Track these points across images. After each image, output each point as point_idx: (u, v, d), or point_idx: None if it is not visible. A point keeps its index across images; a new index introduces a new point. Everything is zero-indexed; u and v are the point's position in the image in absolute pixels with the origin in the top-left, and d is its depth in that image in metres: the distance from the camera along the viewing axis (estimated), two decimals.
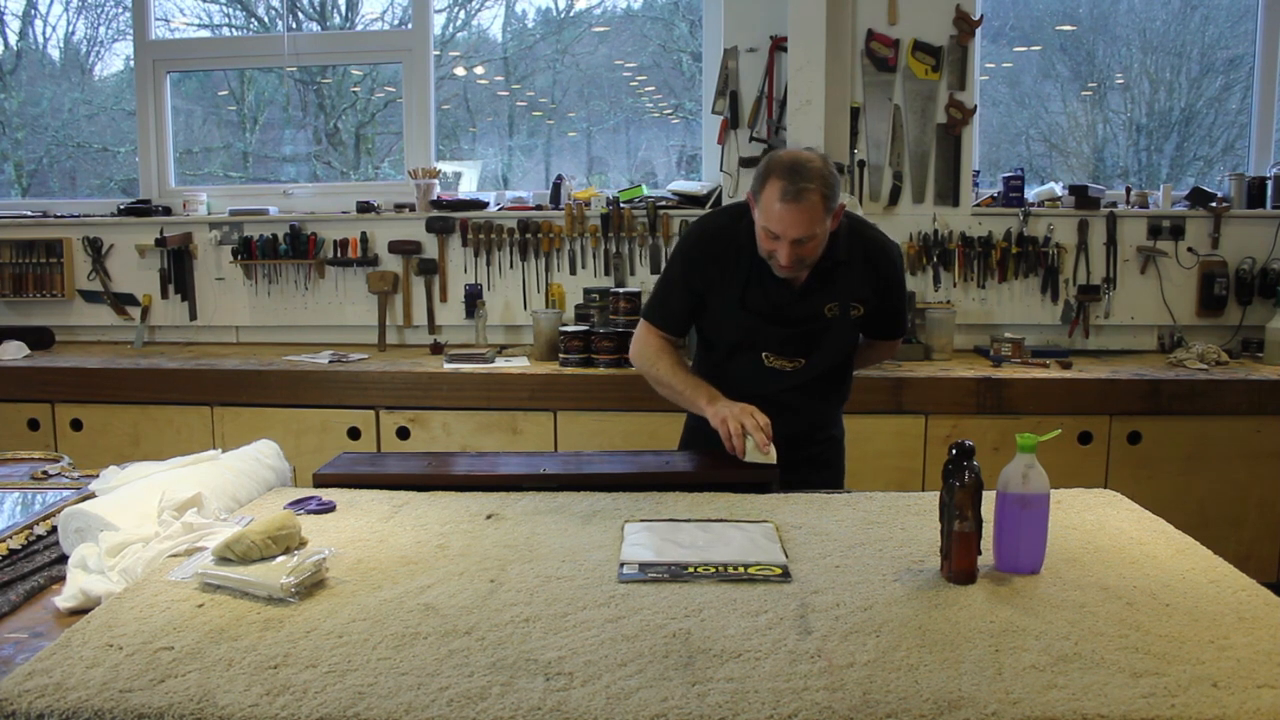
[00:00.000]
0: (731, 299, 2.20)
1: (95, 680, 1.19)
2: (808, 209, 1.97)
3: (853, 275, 2.17)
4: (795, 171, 1.97)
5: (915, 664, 1.23)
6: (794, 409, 2.24)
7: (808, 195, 1.96)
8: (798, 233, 2.00)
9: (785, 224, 1.99)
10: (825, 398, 2.32)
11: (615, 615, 1.37)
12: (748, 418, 2.06)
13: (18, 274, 4.20)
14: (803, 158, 2.01)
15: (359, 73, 4.64)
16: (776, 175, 1.99)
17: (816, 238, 2.02)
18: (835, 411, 2.40)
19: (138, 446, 3.53)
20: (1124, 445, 3.33)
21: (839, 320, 2.20)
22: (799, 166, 1.98)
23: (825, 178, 1.99)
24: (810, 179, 1.96)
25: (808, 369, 2.24)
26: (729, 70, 3.87)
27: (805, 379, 2.25)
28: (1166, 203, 3.87)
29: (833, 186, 2.00)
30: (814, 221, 1.99)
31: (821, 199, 1.98)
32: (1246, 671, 1.20)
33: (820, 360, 2.24)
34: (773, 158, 2.05)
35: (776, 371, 2.24)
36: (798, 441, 2.24)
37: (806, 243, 2.02)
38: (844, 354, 2.28)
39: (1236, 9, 4.17)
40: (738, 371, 2.26)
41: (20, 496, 1.97)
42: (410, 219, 4.05)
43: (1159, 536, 1.70)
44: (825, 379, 2.28)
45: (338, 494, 1.94)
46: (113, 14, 4.81)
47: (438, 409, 3.47)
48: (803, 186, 1.96)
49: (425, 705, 1.14)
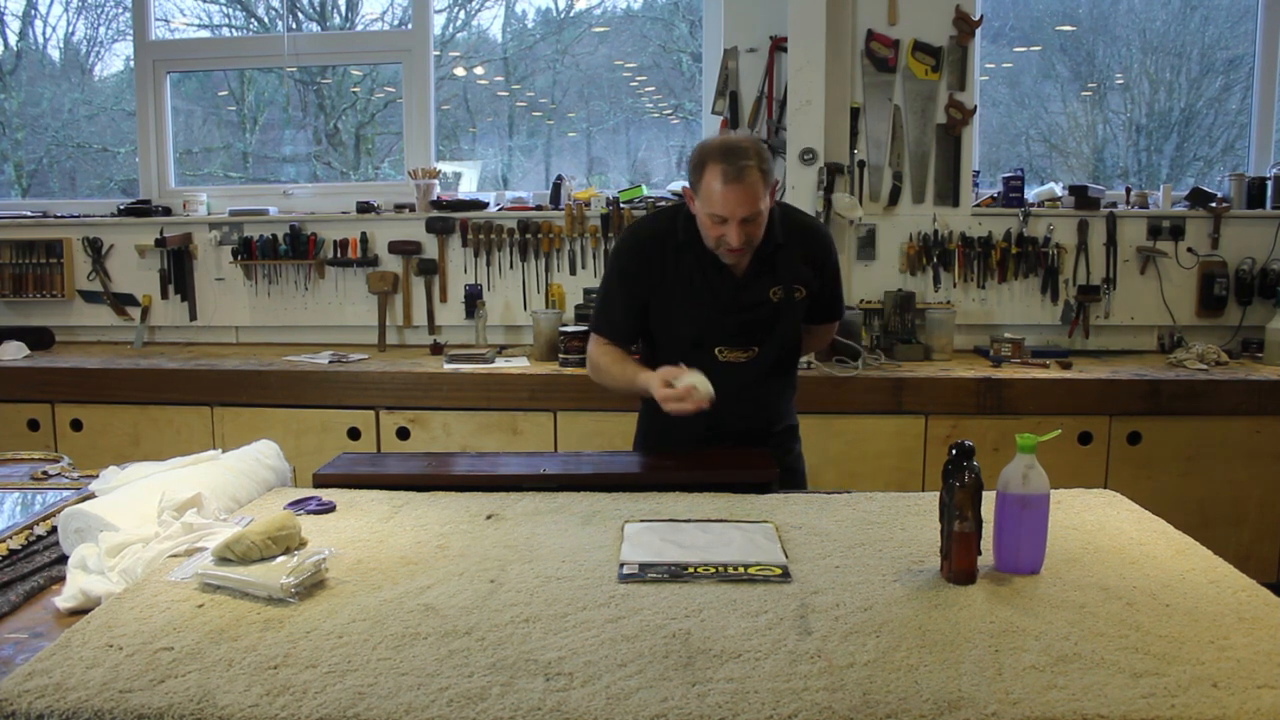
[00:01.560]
0: (677, 297, 2.22)
1: (95, 680, 1.19)
2: (750, 185, 2.01)
3: (791, 257, 2.22)
4: (731, 152, 2.02)
5: (915, 664, 1.23)
6: (750, 403, 2.27)
7: (748, 172, 2.00)
8: (745, 210, 2.03)
9: (731, 204, 2.03)
10: (779, 390, 2.36)
11: (615, 615, 1.37)
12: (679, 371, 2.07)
13: (18, 274, 4.20)
14: (733, 139, 2.08)
15: (359, 73, 4.64)
16: (713, 160, 2.03)
17: (760, 215, 2.06)
18: (788, 403, 2.42)
19: (138, 446, 3.53)
20: (1124, 445, 3.33)
21: (784, 303, 2.23)
22: (733, 147, 2.03)
23: (760, 153, 2.04)
24: (747, 156, 2.01)
25: (761, 358, 2.26)
26: (729, 70, 3.87)
27: (759, 370, 2.27)
28: (1166, 203, 3.87)
29: (768, 161, 2.06)
30: (757, 197, 2.03)
31: (760, 174, 2.02)
32: (1246, 671, 1.20)
33: (772, 347, 2.27)
34: (704, 145, 2.09)
35: (730, 365, 2.25)
36: (757, 435, 2.29)
37: (753, 220, 2.06)
38: (793, 339, 2.32)
39: (1236, 9, 4.17)
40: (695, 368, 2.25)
41: (20, 496, 1.97)
42: (410, 219, 4.05)
43: (1159, 536, 1.70)
44: (776, 369, 2.32)
45: (338, 494, 1.94)
46: (113, 14, 4.81)
47: (438, 409, 3.47)
48: (742, 165, 2.00)
49: (425, 705, 1.14)
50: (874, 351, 3.62)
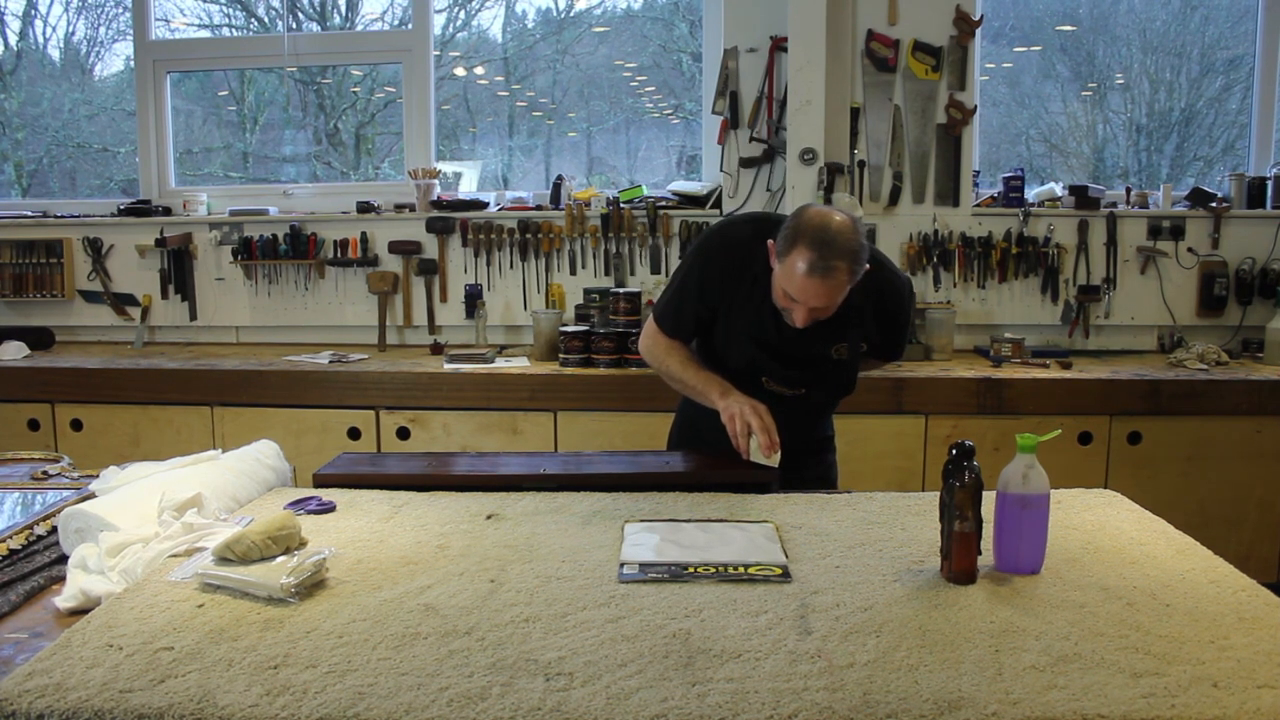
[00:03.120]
0: (737, 325, 2.15)
1: (95, 680, 1.19)
2: (833, 286, 1.89)
3: (864, 317, 2.12)
4: (826, 245, 1.86)
5: (915, 664, 1.23)
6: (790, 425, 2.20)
7: (835, 274, 1.87)
8: (818, 304, 1.93)
9: (807, 295, 1.91)
10: (822, 413, 2.34)
11: (615, 615, 1.37)
12: (755, 418, 2.03)
13: (18, 274, 4.20)
14: (834, 227, 1.88)
15: (359, 73, 4.64)
16: (806, 244, 1.87)
17: (834, 307, 1.97)
18: (828, 425, 2.40)
19: (138, 446, 3.53)
20: (1124, 445, 3.33)
21: (846, 360, 2.17)
22: (830, 240, 1.87)
23: (855, 253, 1.89)
24: (841, 256, 1.87)
25: (807, 398, 2.22)
26: (729, 70, 3.87)
27: (804, 407, 2.23)
28: (1166, 203, 3.87)
29: (860, 262, 1.91)
30: (837, 295, 1.93)
31: (849, 276, 1.90)
32: (1246, 671, 1.20)
33: (821, 392, 2.23)
34: (805, 219, 1.92)
35: (775, 395, 2.20)
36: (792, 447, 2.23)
37: (826, 309, 1.96)
38: (847, 385, 2.25)
39: (1236, 9, 4.17)
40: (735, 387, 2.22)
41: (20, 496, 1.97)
42: (410, 219, 4.05)
43: (1159, 536, 1.70)
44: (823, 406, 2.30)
45: (338, 494, 1.94)
46: (113, 14, 4.81)
47: (438, 409, 3.47)
48: (832, 264, 1.86)
49: (425, 705, 1.14)
50: None
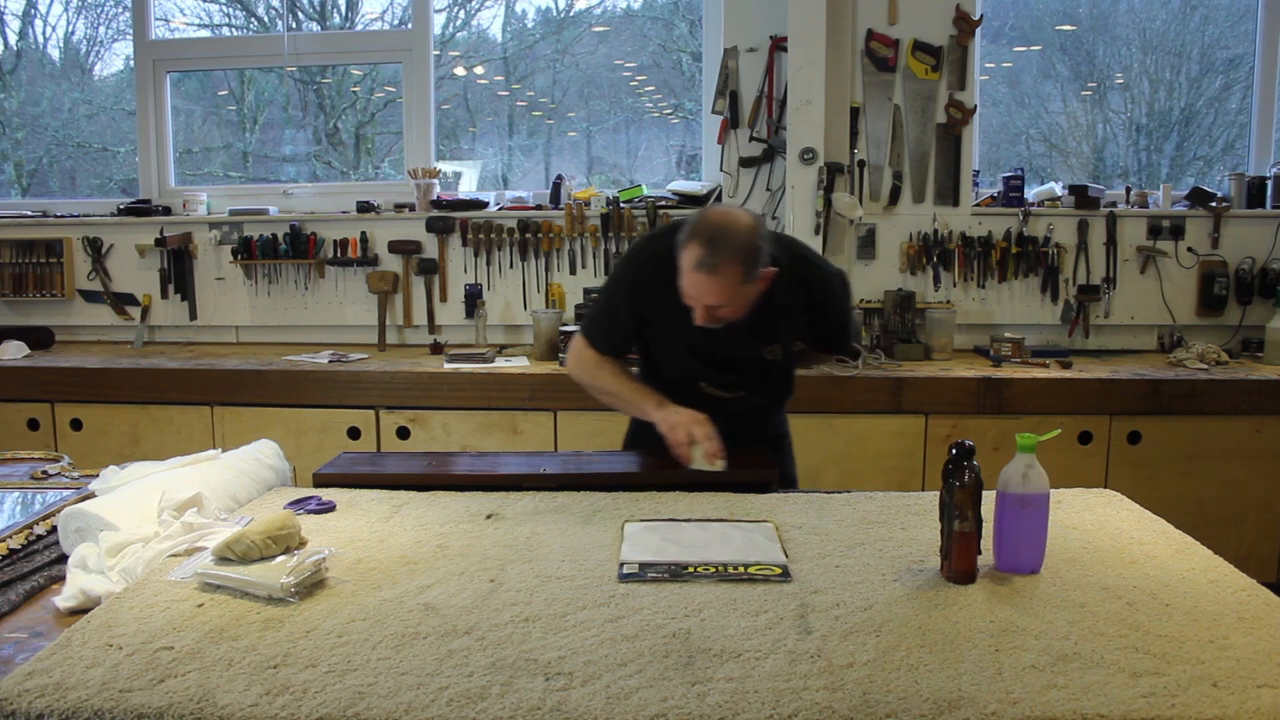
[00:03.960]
0: (669, 333, 2.13)
1: (95, 680, 1.19)
2: (720, 281, 1.88)
3: (794, 314, 2.11)
4: (714, 241, 1.86)
5: (915, 664, 1.23)
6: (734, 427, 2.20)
7: (722, 269, 1.86)
8: (709, 301, 1.92)
9: (697, 291, 1.92)
10: (765, 411, 2.31)
11: (615, 615, 1.37)
12: (697, 427, 2.02)
13: (18, 274, 4.20)
14: (729, 224, 1.89)
15: (359, 73, 4.63)
16: (697, 241, 1.88)
17: (736, 304, 1.94)
18: (776, 418, 2.38)
19: (138, 446, 3.53)
20: (1124, 445, 3.33)
21: (780, 360, 2.17)
22: (720, 235, 1.87)
23: (746, 249, 1.87)
24: (727, 252, 1.86)
25: (746, 399, 2.22)
26: (729, 70, 3.87)
27: (744, 408, 2.22)
28: (1166, 203, 3.87)
29: (753, 257, 1.89)
30: (727, 292, 1.90)
31: (739, 272, 1.88)
32: (1246, 671, 1.20)
33: (759, 393, 2.22)
34: (703, 217, 1.93)
35: (715, 398, 2.20)
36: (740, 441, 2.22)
37: (722, 308, 1.94)
38: (785, 384, 2.26)
39: (1236, 9, 4.17)
40: (676, 395, 2.22)
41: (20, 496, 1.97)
42: (410, 219, 4.05)
43: (1159, 536, 1.70)
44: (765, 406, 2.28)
45: (338, 494, 1.94)
46: (113, 14, 4.81)
47: (438, 409, 3.47)
48: (718, 260, 1.86)
49: (425, 705, 1.14)
50: (874, 351, 3.62)
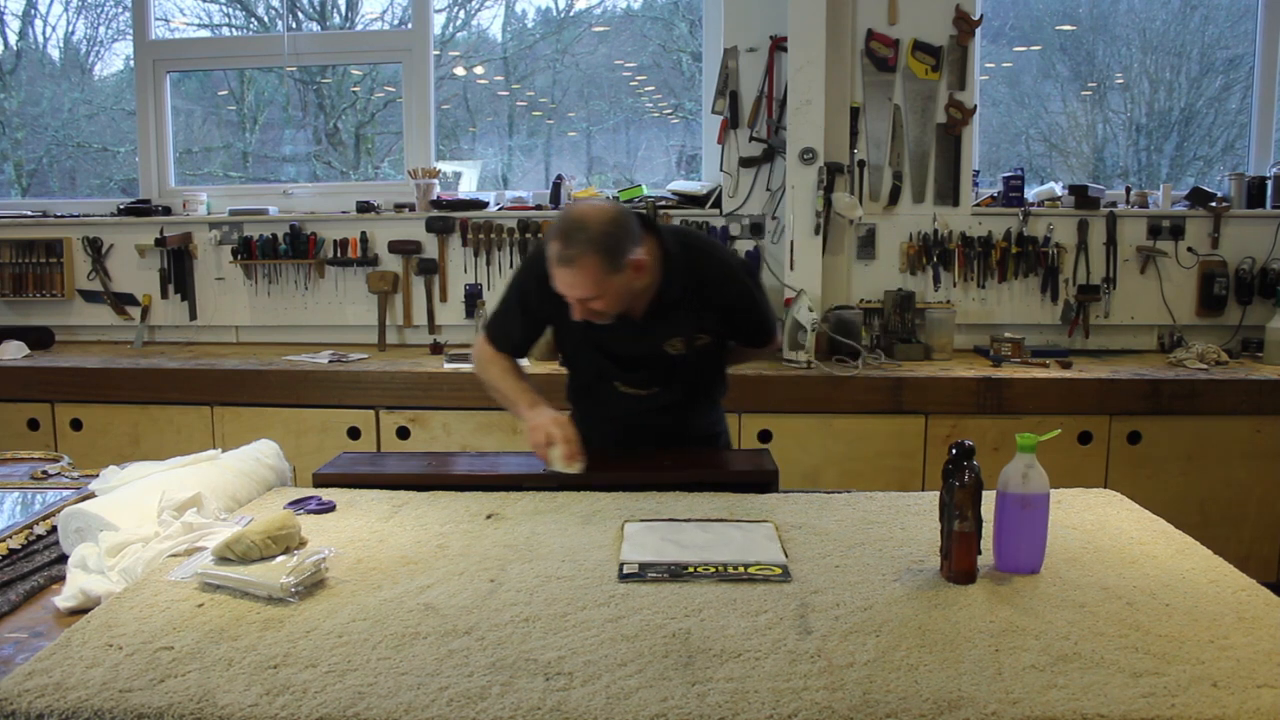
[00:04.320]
0: (573, 331, 2.14)
1: (95, 680, 1.19)
2: (578, 273, 1.89)
3: (694, 307, 2.10)
4: (569, 235, 1.89)
5: (915, 664, 1.23)
6: (658, 423, 2.22)
7: (579, 261, 1.88)
8: (575, 294, 1.94)
9: (563, 286, 1.94)
10: (689, 411, 2.28)
11: (615, 615, 1.37)
12: (556, 429, 2.03)
13: (18, 274, 4.20)
14: (586, 216, 1.91)
15: (359, 73, 4.63)
16: (554, 235, 1.91)
17: (605, 296, 1.94)
18: (709, 413, 2.35)
19: (138, 446, 3.53)
20: (1124, 445, 3.33)
21: (685, 355, 2.15)
22: (574, 229, 1.89)
23: (601, 239, 1.87)
24: (583, 243, 1.87)
25: (662, 395, 2.20)
26: (729, 70, 3.87)
27: (661, 403, 2.21)
28: (1166, 203, 3.87)
29: (612, 247, 1.88)
30: (589, 284, 1.91)
31: (597, 262, 1.88)
32: (1246, 671, 1.20)
33: (673, 389, 2.20)
34: (563, 212, 1.98)
35: (632, 397, 2.20)
36: (672, 442, 2.25)
37: (592, 300, 1.95)
38: (702, 378, 2.23)
39: (1236, 9, 4.17)
40: (596, 395, 2.25)
41: (20, 496, 1.97)
42: (410, 219, 4.05)
43: (1159, 536, 1.70)
44: (687, 397, 2.25)
45: (338, 494, 1.94)
46: (113, 14, 4.81)
47: (438, 409, 3.47)
48: (574, 252, 1.88)
49: (425, 705, 1.14)
50: (874, 351, 3.62)
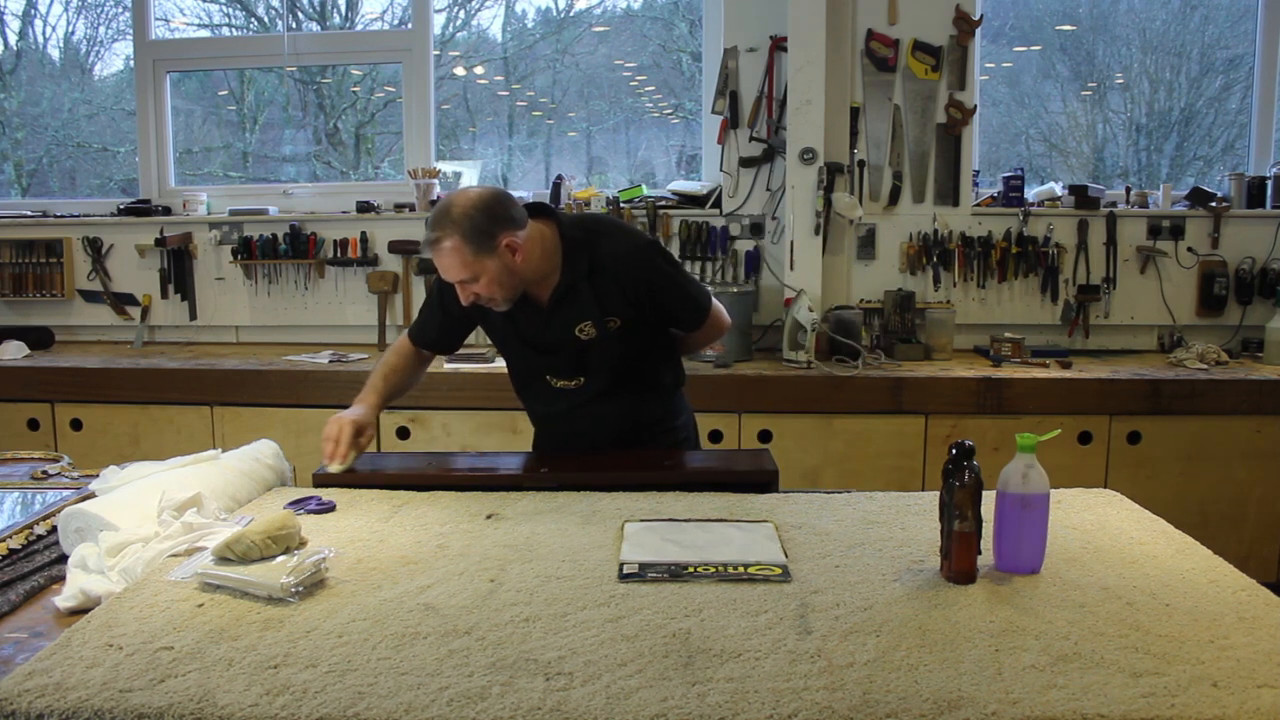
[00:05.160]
0: (494, 327, 2.18)
1: (95, 680, 1.19)
2: (444, 256, 1.94)
3: (601, 288, 2.08)
4: (435, 221, 1.94)
5: (915, 664, 1.23)
6: (601, 415, 2.20)
7: (442, 243, 1.92)
8: (450, 277, 1.98)
9: (439, 270, 1.99)
10: (634, 403, 2.24)
11: (615, 615, 1.37)
12: (331, 427, 2.06)
13: (18, 274, 4.20)
14: (451, 200, 1.95)
15: (359, 73, 4.63)
16: (427, 223, 1.97)
17: (482, 278, 1.96)
18: (659, 405, 2.30)
19: (138, 446, 3.53)
20: (1124, 445, 3.33)
21: (598, 339, 2.12)
22: (440, 215, 1.93)
23: (463, 221, 1.91)
24: (445, 227, 1.91)
25: (591, 385, 2.17)
26: (729, 70, 3.87)
27: (594, 393, 2.18)
28: (1166, 203, 3.87)
29: (475, 227, 1.91)
30: (458, 267, 1.94)
31: (462, 244, 1.91)
32: (1246, 671, 1.20)
33: (601, 376, 2.16)
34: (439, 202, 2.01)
35: (563, 391, 2.19)
36: (628, 438, 2.23)
37: (471, 284, 1.97)
38: (633, 362, 2.19)
39: (1236, 9, 4.17)
40: (534, 392, 2.24)
41: (20, 496, 1.97)
42: (410, 219, 4.04)
43: (1159, 536, 1.70)
44: (625, 387, 2.20)
45: (338, 494, 1.94)
46: (113, 14, 4.81)
47: (438, 409, 3.47)
48: (438, 235, 1.92)
49: (425, 705, 1.14)
50: (874, 351, 3.62)
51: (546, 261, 2.05)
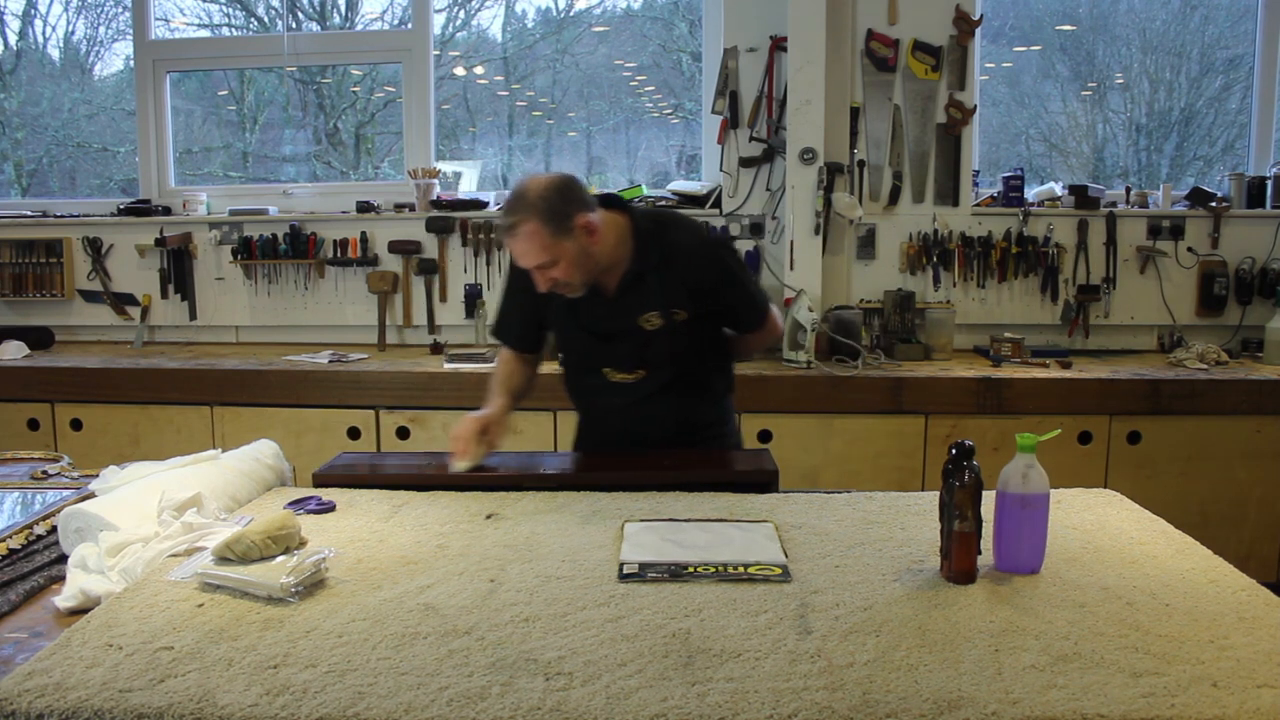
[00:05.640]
0: (560, 315, 2.19)
1: (95, 680, 1.19)
2: (523, 239, 1.96)
3: (668, 281, 2.11)
4: (510, 206, 1.98)
5: (915, 664, 1.23)
6: (655, 415, 2.21)
7: (520, 227, 1.95)
8: (528, 262, 2.00)
9: (516, 256, 2.02)
10: (687, 402, 2.25)
11: (615, 615, 1.37)
12: (457, 427, 2.10)
13: (18, 274, 4.20)
14: (526, 185, 1.99)
15: (359, 73, 4.64)
16: (503, 209, 2.01)
17: (560, 262, 1.99)
18: (712, 408, 2.32)
19: (138, 446, 3.53)
20: (1124, 445, 3.33)
21: (663, 330, 2.13)
22: (516, 198, 1.98)
23: (540, 203, 1.94)
24: (522, 210, 1.95)
25: (651, 379, 2.19)
26: (729, 70, 3.87)
27: (653, 389, 2.19)
28: (1166, 203, 3.87)
29: (552, 210, 1.95)
30: (537, 251, 1.97)
31: (539, 226, 1.94)
32: (1246, 671, 1.20)
33: (661, 370, 2.18)
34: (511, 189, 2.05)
35: (621, 385, 2.20)
36: (680, 440, 2.24)
37: (550, 268, 2.00)
38: (691, 358, 2.21)
39: (1236, 9, 4.17)
40: (589, 386, 2.25)
41: (20, 496, 1.97)
42: (410, 219, 4.05)
43: (1159, 536, 1.70)
44: (681, 384, 2.22)
45: (337, 494, 1.94)
46: (113, 14, 4.81)
47: (438, 409, 3.47)
48: (515, 219, 1.96)
49: (425, 705, 1.14)
50: (874, 351, 3.62)
51: (618, 249, 2.09)
